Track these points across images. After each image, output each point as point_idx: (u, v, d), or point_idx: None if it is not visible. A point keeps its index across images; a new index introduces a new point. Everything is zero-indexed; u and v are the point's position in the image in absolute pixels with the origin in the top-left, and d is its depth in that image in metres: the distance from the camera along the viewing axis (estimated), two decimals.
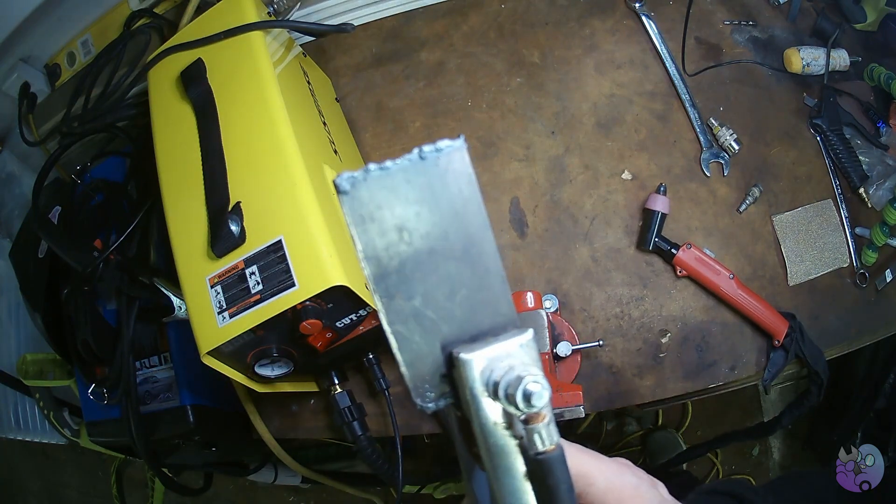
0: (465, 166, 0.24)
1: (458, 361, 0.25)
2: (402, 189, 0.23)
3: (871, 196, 0.84)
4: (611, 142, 0.88)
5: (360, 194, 0.23)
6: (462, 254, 0.25)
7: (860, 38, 0.91)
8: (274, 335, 0.63)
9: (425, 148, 0.23)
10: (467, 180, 0.24)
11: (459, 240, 0.25)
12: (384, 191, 0.23)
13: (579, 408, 0.70)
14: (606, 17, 0.92)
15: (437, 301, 0.25)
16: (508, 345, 0.25)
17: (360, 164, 0.88)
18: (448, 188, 0.24)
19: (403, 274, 0.24)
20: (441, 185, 0.24)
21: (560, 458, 0.25)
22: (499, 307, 0.26)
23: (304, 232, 0.59)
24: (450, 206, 0.24)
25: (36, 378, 1.05)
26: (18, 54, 0.98)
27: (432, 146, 0.23)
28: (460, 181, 0.24)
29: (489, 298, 0.26)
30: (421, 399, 0.27)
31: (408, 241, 0.24)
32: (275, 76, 0.68)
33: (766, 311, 0.78)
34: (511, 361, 0.25)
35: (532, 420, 0.24)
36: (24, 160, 1.11)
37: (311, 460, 1.34)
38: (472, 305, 0.26)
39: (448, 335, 0.26)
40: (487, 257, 0.25)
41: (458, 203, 0.24)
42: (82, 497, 1.80)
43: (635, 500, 0.32)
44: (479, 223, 0.25)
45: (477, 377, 0.25)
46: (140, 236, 0.84)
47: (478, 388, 0.25)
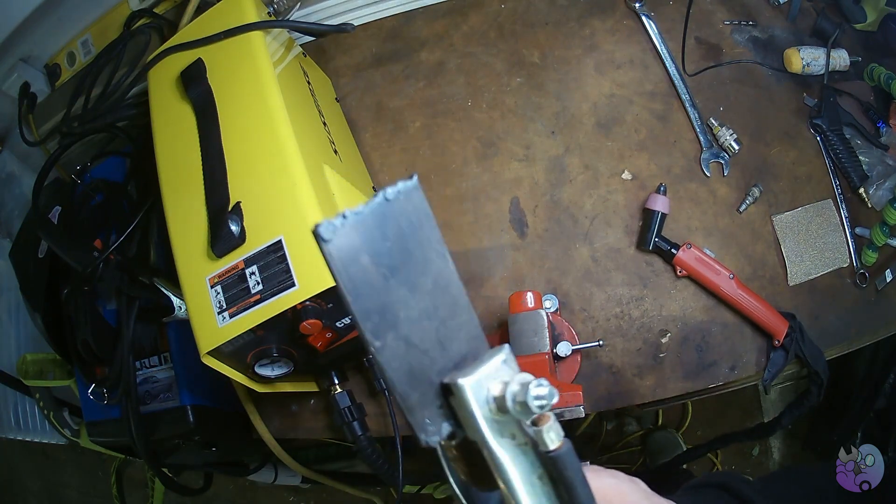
0: (422, 203, 0.26)
1: (454, 388, 0.26)
2: (376, 231, 0.24)
3: (871, 196, 0.84)
4: (611, 142, 0.88)
5: (341, 241, 0.24)
6: (433, 286, 0.26)
7: (860, 38, 0.91)
8: (274, 335, 0.63)
9: (388, 190, 0.25)
10: (426, 215, 0.26)
11: (429, 274, 0.26)
12: (361, 234, 0.24)
13: (579, 408, 0.70)
14: (606, 17, 0.92)
15: (421, 334, 0.26)
16: (492, 364, 0.26)
17: (360, 164, 0.89)
18: (412, 225, 0.25)
19: (389, 313, 0.25)
20: (406, 223, 0.25)
21: (570, 452, 0.26)
22: (471, 332, 0.28)
23: (304, 232, 0.59)
24: (416, 242, 0.25)
25: (36, 378, 1.05)
26: (18, 54, 0.98)
27: (394, 188, 0.25)
28: (420, 217, 0.26)
29: (462, 325, 0.27)
30: (424, 434, 0.28)
31: (387, 280, 0.25)
32: (275, 76, 0.68)
33: (766, 311, 0.78)
34: (501, 377, 0.26)
35: (540, 421, 0.26)
36: (24, 160, 1.11)
37: (311, 460, 1.34)
38: (449, 334, 0.27)
39: (436, 366, 0.27)
40: (453, 287, 0.27)
41: (422, 238, 0.26)
42: (82, 497, 1.80)
43: (619, 497, 0.32)
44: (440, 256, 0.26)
45: (474, 398, 0.26)
46: (140, 236, 0.84)
47: (480, 408, 0.26)
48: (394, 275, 0.25)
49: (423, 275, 0.26)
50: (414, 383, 0.26)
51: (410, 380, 0.26)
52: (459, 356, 0.27)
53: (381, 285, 0.25)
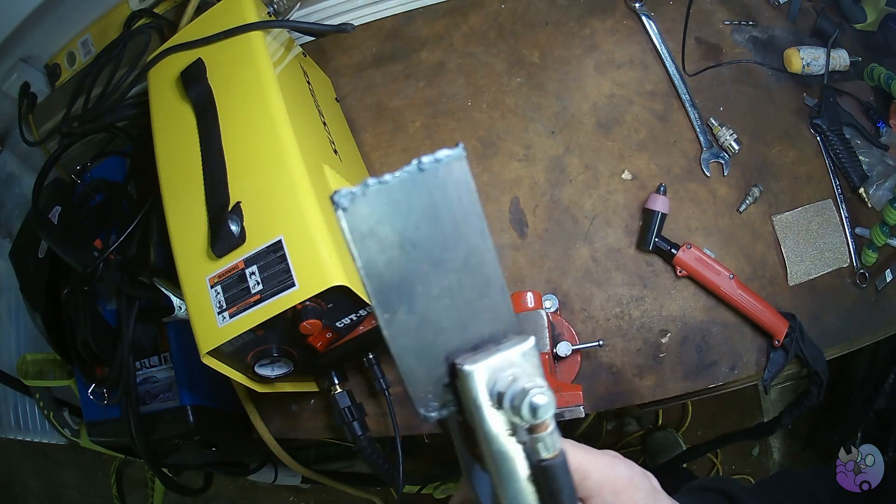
0: (465, 175, 0.24)
1: (460, 372, 0.25)
2: (402, 202, 0.23)
3: (871, 196, 0.84)
4: (611, 142, 0.88)
5: (359, 210, 0.22)
6: (462, 264, 0.25)
7: (860, 38, 0.91)
8: (274, 335, 0.63)
9: (424, 159, 0.23)
10: (467, 189, 0.24)
11: (460, 250, 0.24)
12: (383, 205, 0.23)
13: (579, 408, 0.70)
14: (606, 17, 0.92)
15: (438, 312, 0.25)
16: (510, 354, 0.25)
17: (360, 164, 0.88)
18: (448, 199, 0.23)
19: (405, 287, 0.24)
20: (441, 195, 0.23)
21: (563, 465, 0.25)
22: (499, 315, 0.26)
23: (304, 232, 0.59)
24: (450, 216, 0.24)
25: (36, 378, 1.05)
26: (18, 54, 0.98)
27: (431, 157, 0.23)
28: (460, 191, 0.24)
29: (490, 307, 0.26)
30: (424, 408, 0.27)
31: (408, 255, 0.24)
32: (275, 76, 0.68)
33: (766, 311, 0.78)
34: (514, 371, 0.25)
35: (536, 430, 0.25)
36: (24, 160, 1.11)
37: (311, 460, 1.34)
38: (473, 314, 0.25)
39: (450, 345, 0.26)
40: (487, 266, 0.25)
41: (458, 213, 0.24)
42: (82, 497, 1.80)
43: (629, 489, 0.32)
44: (478, 232, 0.25)
45: (480, 387, 0.25)
46: (140, 236, 0.84)
47: (481, 398, 0.25)
48: (416, 249, 0.23)
49: (452, 251, 0.24)
50: (421, 359, 0.25)
51: (418, 355, 0.25)
52: (479, 339, 0.26)
53: (400, 258, 0.23)
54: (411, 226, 0.23)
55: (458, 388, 0.26)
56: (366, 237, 0.23)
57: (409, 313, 0.24)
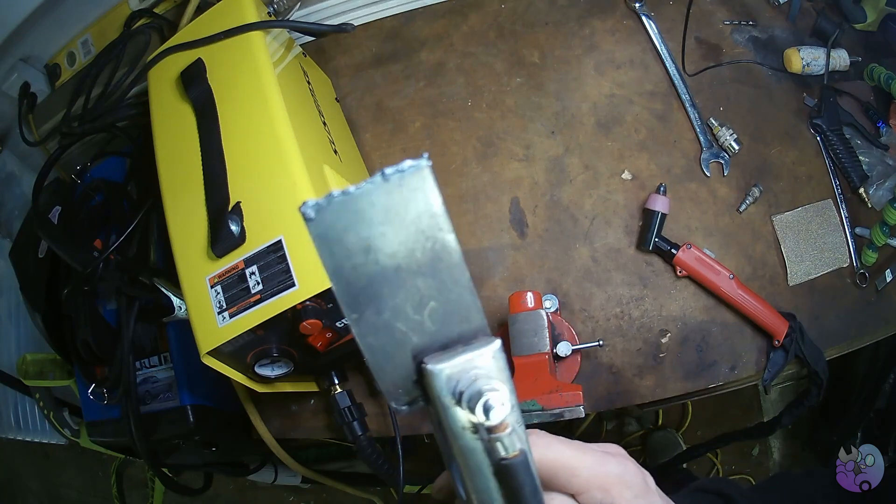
0: (430, 184, 0.24)
1: (425, 371, 0.26)
2: (367, 212, 0.24)
3: (871, 196, 0.84)
4: (611, 142, 0.88)
5: (325, 219, 0.24)
6: (429, 269, 0.25)
7: (860, 38, 0.91)
8: (274, 335, 0.63)
9: (387, 170, 0.24)
10: (433, 199, 0.24)
11: (426, 256, 0.25)
12: (348, 215, 0.24)
13: (579, 408, 0.70)
14: (606, 17, 0.92)
15: (406, 314, 0.26)
16: (475, 355, 0.26)
17: (360, 164, 0.89)
18: (413, 207, 0.24)
19: (371, 290, 0.25)
20: (404, 204, 0.24)
21: (523, 464, 0.26)
22: (468, 316, 0.27)
23: (304, 232, 0.59)
24: (415, 224, 0.25)
25: (36, 378, 1.05)
26: (18, 54, 0.98)
27: (394, 168, 0.24)
28: (426, 199, 0.24)
29: (458, 309, 0.26)
30: (395, 402, 0.28)
31: (374, 261, 0.25)
32: (275, 76, 0.68)
33: (766, 311, 0.78)
34: (477, 372, 0.26)
35: (494, 430, 0.25)
36: (24, 160, 1.11)
37: (311, 460, 1.34)
38: (442, 316, 0.26)
39: (418, 345, 0.26)
40: (455, 269, 0.26)
41: (423, 221, 0.25)
42: (82, 497, 1.80)
43: (618, 487, 0.32)
44: (444, 239, 0.25)
45: (443, 386, 0.26)
46: (140, 236, 0.84)
47: (445, 397, 0.26)
48: (382, 254, 0.25)
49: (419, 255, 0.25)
50: (389, 358, 0.27)
51: (386, 354, 0.26)
52: (448, 339, 0.27)
53: (366, 263, 0.25)
54: (376, 233, 0.24)
55: (425, 386, 0.27)
56: (332, 244, 0.24)
57: (376, 314, 0.25)
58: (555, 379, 0.72)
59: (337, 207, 0.24)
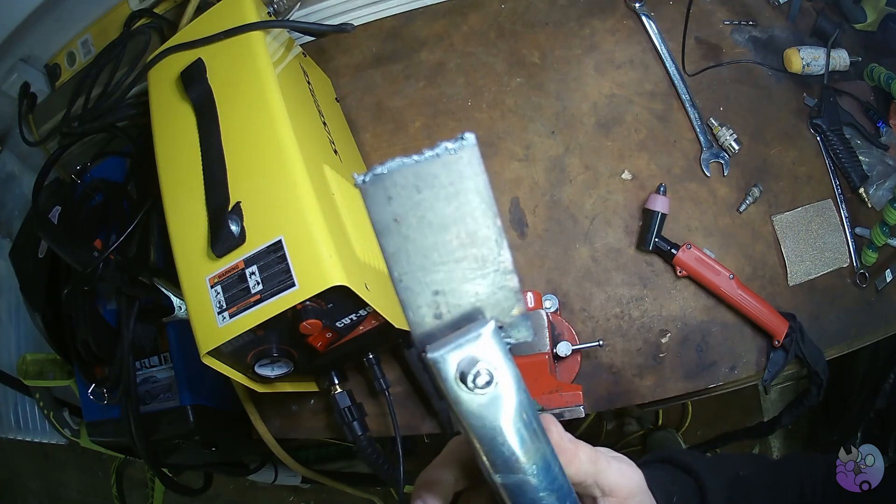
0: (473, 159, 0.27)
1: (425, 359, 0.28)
2: (419, 180, 0.27)
3: (871, 196, 0.84)
4: (611, 142, 0.88)
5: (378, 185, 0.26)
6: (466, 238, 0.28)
7: (860, 38, 0.91)
8: (274, 335, 0.63)
9: (440, 145, 0.27)
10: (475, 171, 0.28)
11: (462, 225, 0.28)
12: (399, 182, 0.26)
13: (579, 408, 0.70)
14: (606, 17, 0.92)
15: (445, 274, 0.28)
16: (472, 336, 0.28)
17: (360, 164, 0.89)
18: (460, 176, 0.27)
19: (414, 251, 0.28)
20: (455, 174, 0.27)
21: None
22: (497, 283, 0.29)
23: (304, 232, 0.59)
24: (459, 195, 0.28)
25: (36, 378, 1.05)
26: (18, 54, 0.98)
27: (444, 144, 0.27)
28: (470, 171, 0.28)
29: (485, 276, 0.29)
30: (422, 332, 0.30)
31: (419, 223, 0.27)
32: (275, 76, 0.68)
33: (766, 311, 0.78)
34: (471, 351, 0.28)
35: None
36: (24, 160, 1.11)
37: (311, 460, 1.34)
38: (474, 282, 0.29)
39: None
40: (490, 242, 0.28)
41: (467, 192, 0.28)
42: (82, 497, 1.80)
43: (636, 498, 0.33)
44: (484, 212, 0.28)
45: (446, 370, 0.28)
46: (140, 236, 0.84)
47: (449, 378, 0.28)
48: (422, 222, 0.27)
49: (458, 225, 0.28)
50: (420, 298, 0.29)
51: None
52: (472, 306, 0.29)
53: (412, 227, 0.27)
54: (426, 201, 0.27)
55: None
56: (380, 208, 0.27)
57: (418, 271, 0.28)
58: (555, 379, 0.72)
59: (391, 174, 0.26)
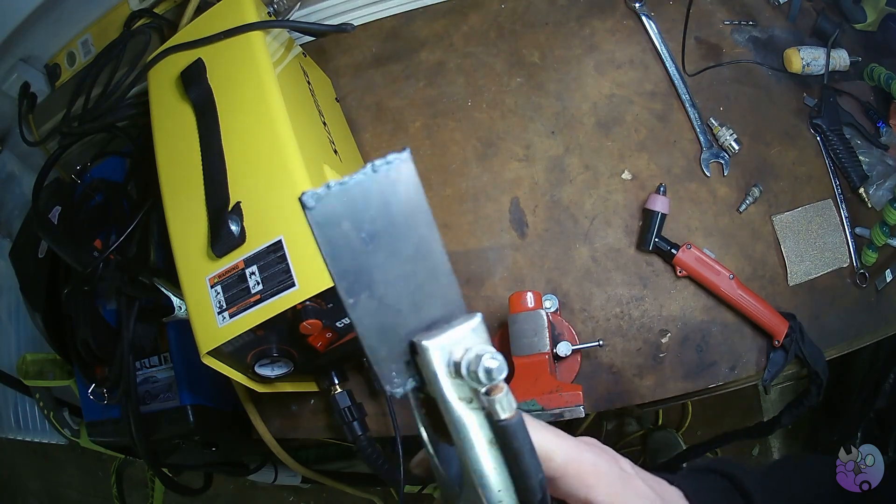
0: (412, 175, 0.27)
1: (419, 348, 0.28)
2: (359, 201, 0.26)
3: (871, 196, 0.84)
4: (611, 142, 0.88)
5: (323, 208, 0.26)
6: (414, 253, 0.28)
7: (860, 38, 0.91)
8: (274, 335, 0.63)
9: (377, 162, 0.27)
10: (415, 188, 0.27)
11: (411, 241, 0.28)
12: (343, 203, 0.26)
13: (579, 408, 0.70)
14: (606, 17, 0.92)
15: (396, 296, 0.28)
16: (461, 329, 0.28)
17: (359, 164, 0.88)
18: (398, 196, 0.27)
19: (365, 275, 0.27)
20: (392, 193, 0.27)
21: (520, 423, 0.29)
22: (448, 297, 0.29)
23: (304, 232, 0.59)
24: (401, 212, 0.27)
25: (36, 378, 1.05)
26: (18, 54, 0.98)
27: (383, 160, 0.27)
28: (409, 189, 0.27)
29: (440, 291, 0.29)
30: (390, 385, 0.30)
31: (367, 246, 0.27)
32: (275, 76, 0.68)
33: (766, 311, 0.78)
34: (466, 343, 0.28)
35: (493, 391, 0.28)
36: (24, 160, 1.11)
37: (311, 460, 1.34)
38: (426, 298, 0.29)
39: (408, 325, 0.29)
40: (435, 255, 0.29)
41: (407, 209, 0.27)
42: (82, 497, 1.80)
43: (592, 476, 0.33)
44: (426, 224, 0.28)
45: (437, 360, 0.28)
46: (140, 236, 0.84)
47: (439, 370, 0.28)
48: (374, 240, 0.27)
49: (404, 241, 0.28)
50: (383, 339, 0.29)
51: (380, 335, 0.29)
52: (432, 319, 0.29)
53: (360, 249, 0.27)
54: (368, 220, 0.27)
55: (418, 364, 0.29)
56: (328, 231, 0.26)
57: (370, 298, 0.28)
58: (555, 379, 0.72)
59: (334, 197, 0.26)
